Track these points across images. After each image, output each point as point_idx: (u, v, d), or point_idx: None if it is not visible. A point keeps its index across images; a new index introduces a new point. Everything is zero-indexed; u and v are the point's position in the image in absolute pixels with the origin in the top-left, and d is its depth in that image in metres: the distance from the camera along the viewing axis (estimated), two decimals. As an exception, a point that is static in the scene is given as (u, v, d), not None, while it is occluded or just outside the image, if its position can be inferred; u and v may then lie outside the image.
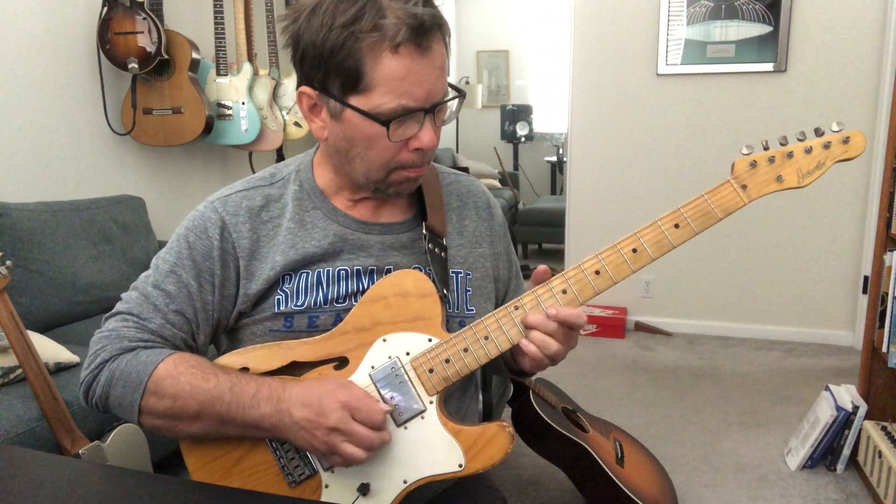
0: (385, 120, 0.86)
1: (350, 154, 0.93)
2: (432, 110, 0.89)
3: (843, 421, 2.09)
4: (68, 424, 1.55)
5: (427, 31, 0.85)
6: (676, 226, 0.91)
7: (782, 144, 0.91)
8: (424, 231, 0.99)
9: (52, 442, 1.55)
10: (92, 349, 0.94)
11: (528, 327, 0.90)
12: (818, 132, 0.91)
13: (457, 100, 0.94)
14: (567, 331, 0.90)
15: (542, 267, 0.94)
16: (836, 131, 0.90)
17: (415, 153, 0.91)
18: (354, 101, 0.87)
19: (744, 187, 0.91)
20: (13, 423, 1.53)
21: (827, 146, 0.90)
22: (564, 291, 0.90)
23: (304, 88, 0.91)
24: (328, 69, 0.87)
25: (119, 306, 0.96)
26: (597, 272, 0.91)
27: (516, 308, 0.91)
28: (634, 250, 0.90)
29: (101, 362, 0.92)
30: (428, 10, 0.84)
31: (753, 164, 0.91)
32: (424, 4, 0.85)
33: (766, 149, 0.92)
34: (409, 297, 0.92)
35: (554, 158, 6.42)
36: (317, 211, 0.99)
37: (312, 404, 0.85)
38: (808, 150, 0.90)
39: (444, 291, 0.96)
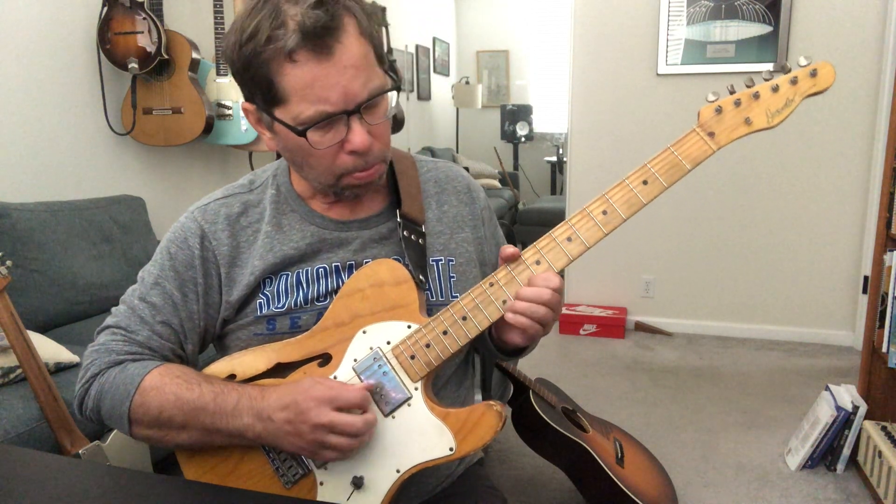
0: (301, 130, 0.85)
1: (296, 162, 0.94)
2: (357, 111, 0.86)
3: (843, 421, 2.09)
4: (68, 424, 1.55)
5: (321, 34, 0.82)
6: (645, 182, 0.89)
7: (748, 86, 0.88)
8: (399, 219, 0.99)
9: (52, 442, 1.55)
10: (83, 363, 0.96)
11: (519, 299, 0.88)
12: (785, 69, 0.87)
13: (390, 93, 0.90)
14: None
15: (509, 249, 0.91)
16: (804, 65, 0.87)
17: (353, 156, 0.89)
18: (278, 112, 0.87)
19: (711, 135, 0.88)
20: (13, 423, 1.53)
21: (794, 81, 0.87)
22: (538, 262, 0.90)
23: (244, 104, 0.93)
24: (250, 85, 0.87)
25: (108, 320, 0.98)
26: (568, 239, 0.89)
27: (491, 285, 0.90)
28: (605, 212, 0.89)
29: (91, 376, 0.94)
30: (315, 13, 0.81)
31: (719, 110, 0.88)
32: (315, 6, 0.82)
33: (732, 93, 0.89)
34: (385, 287, 0.92)
35: (554, 158, 6.42)
36: (294, 214, 1.00)
37: (290, 406, 0.85)
38: (776, 89, 0.87)
39: (421, 278, 0.95)
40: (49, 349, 1.74)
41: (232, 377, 0.94)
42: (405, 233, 0.98)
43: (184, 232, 0.98)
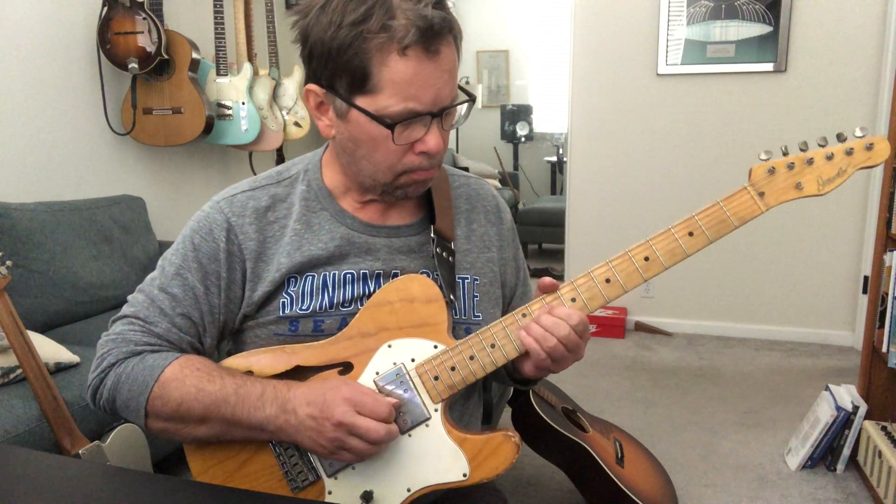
0: (390, 123, 0.85)
1: (356, 155, 0.91)
2: (440, 114, 0.87)
3: (843, 421, 2.09)
4: (68, 424, 1.55)
5: (436, 34, 0.83)
6: (690, 234, 0.88)
7: (802, 150, 0.87)
8: (433, 235, 0.98)
9: (52, 442, 1.55)
10: (98, 352, 0.94)
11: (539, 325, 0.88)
12: (840, 138, 0.87)
13: (466, 104, 0.92)
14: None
15: (547, 280, 0.91)
16: (860, 137, 0.86)
17: (421, 157, 0.89)
18: (361, 101, 0.85)
19: (761, 195, 0.88)
20: (13, 423, 1.53)
21: (849, 153, 0.86)
22: (574, 300, 0.89)
23: (311, 86, 0.90)
24: (335, 68, 0.85)
25: (125, 309, 0.96)
26: (607, 280, 0.89)
27: (524, 316, 0.89)
28: (646, 258, 0.88)
29: (108, 366, 0.92)
30: (438, 13, 0.82)
31: (772, 171, 0.88)
32: (435, 6, 0.83)
33: (784, 154, 0.88)
34: (415, 303, 0.91)
35: (554, 158, 6.41)
36: (324, 212, 0.97)
37: (317, 401, 0.84)
38: (830, 157, 0.86)
39: (451, 297, 0.94)
40: (49, 349, 1.74)
41: (249, 374, 0.92)
42: (437, 250, 0.97)
43: (209, 223, 0.95)
